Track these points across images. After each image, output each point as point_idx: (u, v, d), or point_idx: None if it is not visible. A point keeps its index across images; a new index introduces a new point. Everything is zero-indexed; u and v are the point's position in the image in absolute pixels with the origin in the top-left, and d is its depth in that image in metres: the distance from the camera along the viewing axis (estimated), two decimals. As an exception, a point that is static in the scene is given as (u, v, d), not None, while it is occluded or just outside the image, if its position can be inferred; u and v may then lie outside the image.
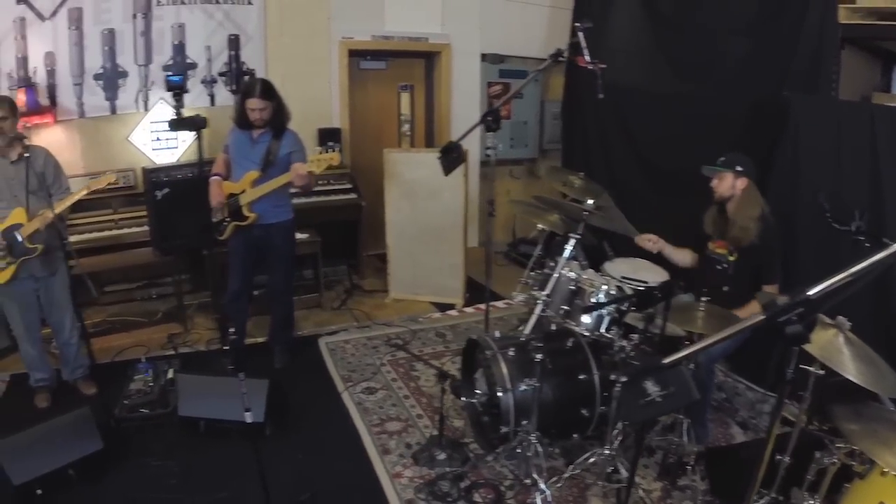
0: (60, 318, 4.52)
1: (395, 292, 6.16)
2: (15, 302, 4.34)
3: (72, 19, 5.98)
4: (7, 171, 4.10)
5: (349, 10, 6.72)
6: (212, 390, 3.92)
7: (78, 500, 3.40)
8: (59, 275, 4.43)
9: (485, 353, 3.59)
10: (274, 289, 4.82)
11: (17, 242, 4.11)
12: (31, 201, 4.12)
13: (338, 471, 3.64)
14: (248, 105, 4.25)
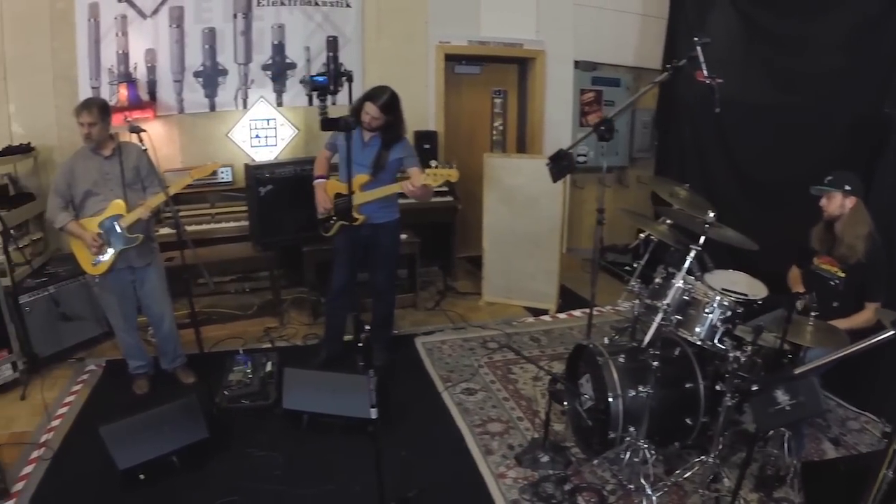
0: (159, 311, 4.78)
1: (489, 295, 6.31)
2: (113, 293, 4.61)
3: (173, 17, 6.31)
4: (102, 166, 4.38)
5: (446, 15, 6.95)
6: (318, 385, 4.12)
7: (181, 486, 3.56)
8: (155, 266, 4.69)
9: (596, 359, 3.71)
10: (377, 287, 4.93)
11: (117, 233, 4.37)
12: (127, 194, 4.40)
13: (442, 469, 3.78)
14: (366, 108, 4.39)
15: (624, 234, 7.53)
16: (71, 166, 4.44)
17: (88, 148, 4.38)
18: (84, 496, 3.57)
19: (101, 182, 4.38)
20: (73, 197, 4.42)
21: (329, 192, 4.71)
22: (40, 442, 4.20)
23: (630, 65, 7.84)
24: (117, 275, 4.53)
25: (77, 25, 6.38)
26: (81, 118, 4.23)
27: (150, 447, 3.61)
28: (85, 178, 4.38)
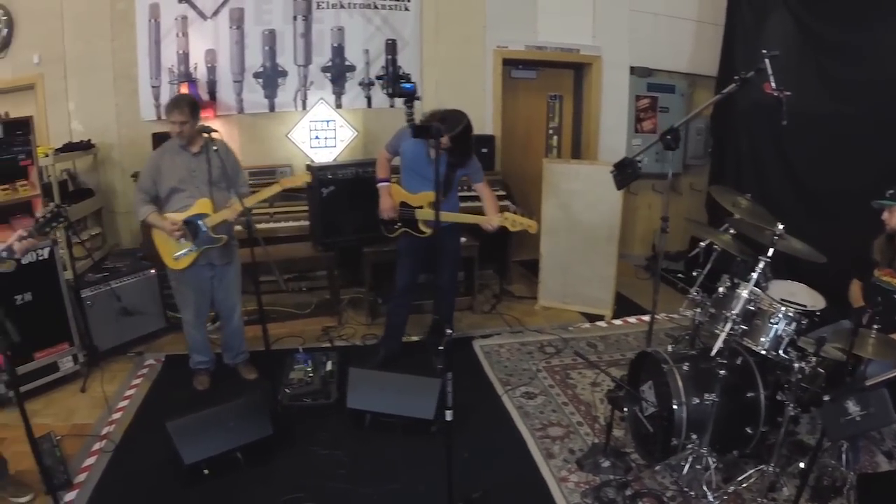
0: (231, 306, 4.99)
1: (544, 300, 6.47)
2: (190, 288, 4.80)
3: (233, 19, 6.57)
4: (190, 162, 4.54)
5: (503, 20, 7.14)
6: (382, 385, 4.28)
7: (245, 482, 3.71)
8: (234, 264, 4.89)
9: (660, 367, 3.83)
10: (440, 286, 5.04)
11: (201, 232, 4.56)
12: (213, 193, 4.58)
13: (505, 471, 3.90)
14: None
15: (676, 241, 7.66)
16: (157, 162, 4.60)
17: (178, 144, 4.54)
18: (147, 489, 3.74)
19: (188, 179, 4.55)
20: (159, 192, 4.59)
21: (395, 197, 4.83)
22: (101, 434, 4.40)
23: (684, 71, 7.96)
24: (197, 271, 4.72)
25: (137, 25, 6.67)
26: (173, 117, 4.39)
27: (215, 443, 3.75)
28: (171, 174, 4.54)
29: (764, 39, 6.37)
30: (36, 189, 5.65)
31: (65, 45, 6.88)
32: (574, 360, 5.34)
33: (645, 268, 7.69)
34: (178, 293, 4.92)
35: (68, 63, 6.92)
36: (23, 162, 5.57)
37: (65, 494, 3.80)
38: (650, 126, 7.74)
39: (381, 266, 5.86)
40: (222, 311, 5.05)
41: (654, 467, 3.85)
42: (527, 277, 7.16)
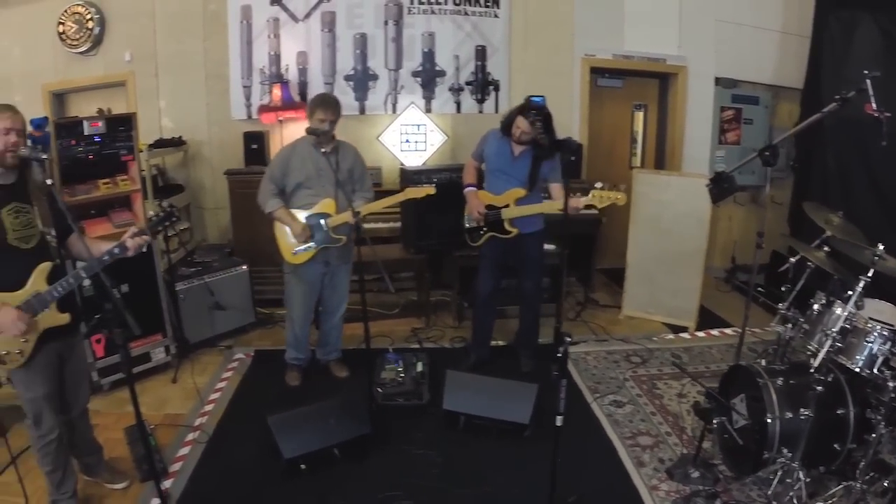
0: (337, 303, 5.28)
1: (629, 309, 6.67)
2: (303, 284, 5.08)
3: (325, 22, 6.94)
4: (319, 161, 4.79)
5: (591, 28, 7.40)
6: (479, 389, 4.51)
7: (342, 479, 3.90)
8: (348, 265, 5.18)
9: (755, 380, 3.99)
10: (525, 296, 5.24)
11: (322, 231, 4.84)
12: (338, 194, 4.84)
13: (597, 477, 4.08)
14: (517, 122, 4.69)
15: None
16: (288, 156, 4.89)
17: (310, 142, 4.84)
18: (243, 481, 3.97)
19: (315, 177, 4.83)
20: (285, 186, 4.88)
21: (481, 200, 4.99)
22: (195, 425, 4.71)
23: (769, 83, 8.12)
24: (312, 267, 5.01)
25: (229, 26, 7.08)
26: (320, 114, 4.69)
27: (314, 439, 3.95)
28: (300, 169, 4.83)
29: (852, 53, 6.53)
30: (136, 184, 6.02)
31: (156, 44, 7.30)
32: (660, 370, 5.54)
33: (725, 280, 7.84)
34: (289, 286, 5.19)
35: (159, 61, 7.35)
36: (124, 157, 5.94)
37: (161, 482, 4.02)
38: (734, 138, 7.91)
39: (469, 270, 6.07)
40: (327, 306, 5.32)
41: (742, 480, 4.02)
42: (609, 286, 7.38)
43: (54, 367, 3.53)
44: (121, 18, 7.43)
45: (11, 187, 3.30)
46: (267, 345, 6.17)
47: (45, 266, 3.34)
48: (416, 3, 7.06)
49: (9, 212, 3.24)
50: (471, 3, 7.08)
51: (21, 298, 3.25)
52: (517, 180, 4.85)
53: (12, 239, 3.24)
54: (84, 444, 4.00)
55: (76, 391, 3.80)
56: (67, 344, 3.63)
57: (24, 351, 3.31)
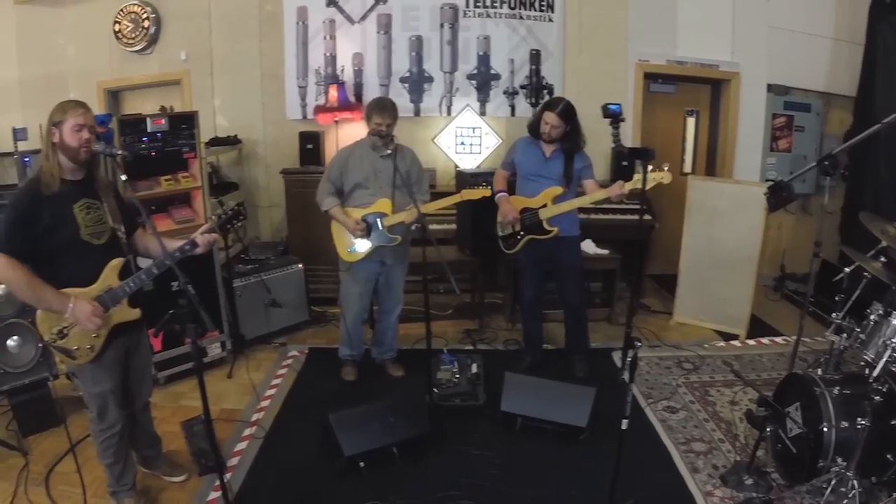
0: (393, 304, 5.41)
1: (680, 316, 6.72)
2: (358, 281, 5.21)
3: (381, 24, 7.08)
4: (377, 163, 4.96)
5: (644, 33, 7.47)
6: (537, 391, 4.59)
7: (401, 477, 3.96)
8: (404, 265, 5.30)
9: (811, 389, 4.03)
10: (568, 302, 5.27)
11: (378, 229, 4.97)
12: (395, 195, 4.98)
13: (652, 482, 4.14)
14: (545, 118, 4.74)
15: (804, 263, 7.93)
16: (346, 156, 5.04)
17: (369, 144, 4.99)
18: (301, 477, 4.07)
19: (373, 178, 4.97)
20: (343, 185, 5.03)
21: (514, 205, 5.04)
22: (251, 421, 4.84)
23: (820, 90, 8.12)
24: (367, 265, 5.14)
25: (285, 27, 7.26)
26: (384, 118, 4.84)
27: (375, 437, 4.04)
28: (358, 170, 4.97)
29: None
30: (197, 181, 6.22)
31: (211, 44, 7.50)
32: (712, 377, 5.60)
33: (773, 288, 7.89)
34: (344, 284, 5.33)
35: (215, 61, 7.55)
36: (186, 154, 6.14)
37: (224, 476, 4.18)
38: (785, 145, 7.94)
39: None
40: (383, 306, 5.46)
41: (794, 488, 4.07)
42: (658, 292, 7.44)
43: (121, 361, 3.66)
44: (176, 18, 7.62)
45: (81, 183, 3.40)
46: (321, 343, 6.31)
47: (117, 262, 3.46)
48: (471, 6, 7.17)
49: (80, 207, 3.35)
50: (526, 7, 7.17)
51: (93, 294, 3.37)
52: (552, 180, 4.91)
53: (85, 234, 3.35)
54: (144, 437, 4.13)
55: (140, 385, 3.94)
56: (134, 338, 3.76)
57: (95, 346, 3.43)
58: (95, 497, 3.97)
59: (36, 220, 3.21)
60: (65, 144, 3.27)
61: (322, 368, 5.73)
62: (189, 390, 5.38)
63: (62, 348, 3.35)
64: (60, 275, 3.30)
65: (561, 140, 4.83)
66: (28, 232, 3.22)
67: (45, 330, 3.34)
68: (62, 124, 3.26)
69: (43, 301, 3.27)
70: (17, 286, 3.24)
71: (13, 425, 4.79)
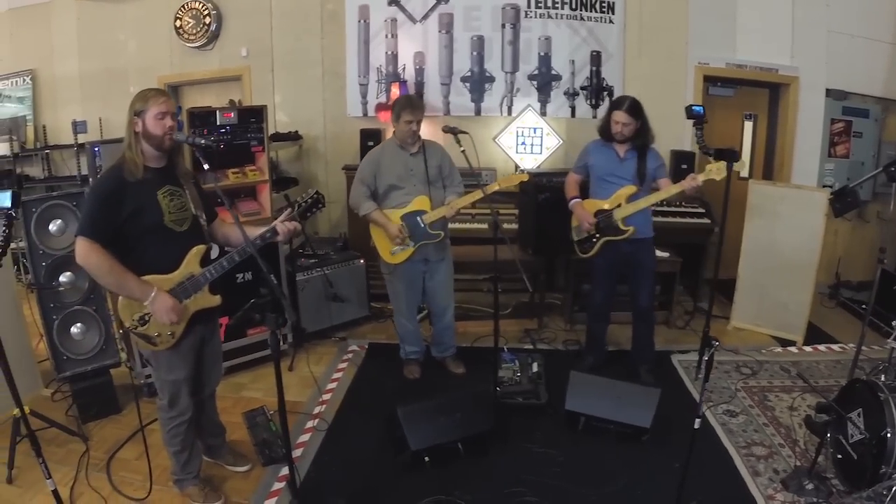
0: (444, 303, 5.45)
1: (737, 320, 6.71)
2: (403, 281, 5.27)
3: (442, 24, 7.16)
4: (408, 161, 5.02)
5: (704, 36, 7.47)
6: (602, 391, 4.62)
7: (465, 473, 4.01)
8: (447, 261, 5.35)
9: (876, 395, 4.03)
10: (639, 305, 5.23)
11: (420, 228, 5.02)
12: (431, 191, 5.05)
13: (714, 484, 4.16)
14: (614, 117, 4.76)
15: (859, 271, 7.91)
16: (377, 158, 5.09)
17: (396, 143, 5.07)
18: (365, 470, 4.13)
19: (406, 177, 5.02)
20: (377, 188, 5.08)
21: (588, 209, 5.03)
22: (314, 413, 4.93)
23: (879, 95, 8.06)
24: (411, 265, 5.19)
25: (347, 25, 7.39)
26: (415, 115, 4.91)
27: (441, 432, 4.08)
28: (391, 171, 5.03)
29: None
30: (264, 174, 6.32)
31: (272, 41, 7.63)
32: (770, 382, 5.62)
33: (829, 296, 7.86)
34: (390, 285, 5.41)
35: (276, 57, 7.67)
36: (254, 148, 6.25)
37: (281, 468, 4.27)
38: (843, 151, 7.88)
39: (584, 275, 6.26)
40: (434, 307, 5.51)
41: (854, 494, 4.05)
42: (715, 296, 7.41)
43: (196, 349, 3.74)
44: (237, 15, 7.76)
45: (163, 171, 3.48)
46: (380, 338, 6.40)
47: (199, 248, 3.53)
48: (532, 6, 7.23)
49: (164, 194, 3.42)
50: (587, 9, 7.20)
51: (175, 280, 3.45)
52: (627, 180, 4.90)
53: (168, 221, 3.43)
54: (210, 426, 4.21)
55: (210, 373, 4.01)
56: (209, 327, 3.83)
57: (175, 333, 3.51)
58: (157, 484, 4.07)
59: (120, 205, 3.28)
60: (148, 133, 3.35)
61: (382, 364, 5.82)
62: (249, 382, 5.52)
63: (143, 335, 3.43)
64: (143, 261, 3.38)
65: (633, 138, 4.83)
66: (111, 217, 3.28)
67: (126, 316, 3.42)
68: (144, 113, 3.34)
69: (124, 288, 3.34)
70: (99, 272, 3.29)
71: (73, 411, 4.93)
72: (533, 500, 3.78)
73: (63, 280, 4.81)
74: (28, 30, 8.90)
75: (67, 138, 8.48)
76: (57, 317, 4.84)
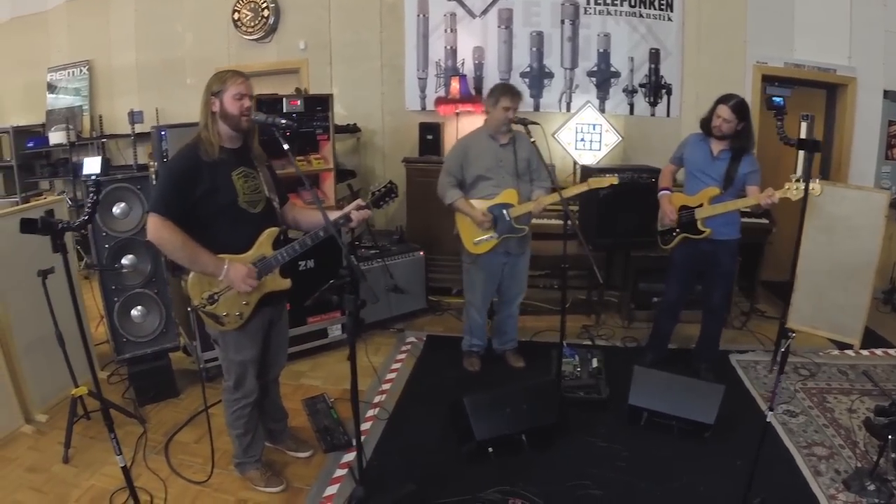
0: (515, 294, 5.44)
1: (793, 322, 6.56)
2: (483, 272, 5.25)
3: (502, 19, 7.17)
4: (498, 152, 4.98)
5: (762, 35, 7.39)
6: (666, 386, 4.60)
7: (529, 465, 4.01)
8: (527, 254, 5.34)
9: None
10: (711, 305, 5.17)
11: (505, 221, 4.99)
12: (518, 185, 5.01)
13: (776, 483, 4.15)
14: (717, 111, 4.68)
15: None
16: (465, 148, 5.08)
17: (486, 133, 5.04)
18: (427, 460, 4.13)
19: (495, 168, 4.98)
20: (465, 178, 5.07)
21: (674, 203, 5.00)
22: (373, 402, 4.96)
23: (936, 97, 8.00)
24: (493, 257, 5.16)
25: (406, 19, 7.42)
26: (512, 103, 4.85)
27: (506, 423, 4.07)
28: (479, 161, 5.00)
29: None
30: (329, 163, 6.40)
31: (331, 34, 7.67)
32: (828, 384, 5.57)
33: (883, 301, 7.75)
34: (468, 275, 5.37)
35: (334, 50, 7.70)
36: (319, 136, 6.32)
37: (343, 455, 4.31)
38: (905, 152, 7.79)
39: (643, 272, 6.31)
40: (506, 297, 5.48)
41: None
42: (770, 298, 7.36)
43: (265, 330, 3.74)
44: (296, 8, 7.83)
45: (238, 152, 3.50)
46: (438, 331, 6.43)
47: (272, 230, 3.55)
48: (592, 3, 7.23)
49: (238, 175, 3.44)
50: (646, 6, 7.16)
51: (247, 261, 3.46)
52: (714, 180, 4.83)
53: (243, 202, 3.44)
54: (273, 410, 4.22)
55: (277, 355, 4.01)
56: (278, 309, 3.83)
57: (244, 314, 3.52)
58: (217, 468, 4.13)
59: (194, 183, 3.30)
60: (226, 113, 3.36)
61: (441, 356, 5.84)
62: (308, 370, 5.56)
63: (211, 313, 3.44)
64: (215, 241, 3.39)
65: (731, 138, 4.75)
66: (185, 195, 3.30)
67: (195, 294, 3.43)
68: (222, 93, 3.35)
69: (197, 263, 3.35)
70: (171, 247, 3.30)
71: (130, 393, 5.01)
72: (598, 494, 3.78)
73: (125, 262, 4.87)
74: (86, 21, 9.05)
75: (123, 128, 8.55)
76: (118, 299, 4.90)
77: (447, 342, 6.02)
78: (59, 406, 4.92)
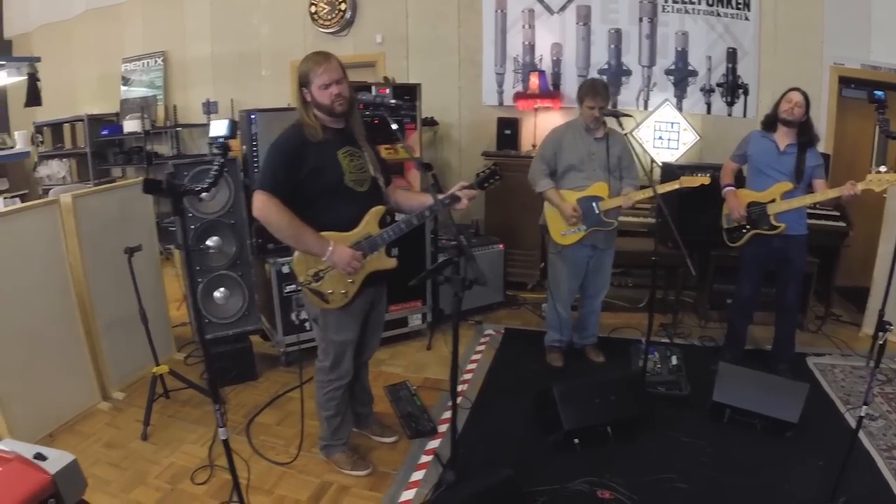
0: (599, 289, 5.46)
1: (869, 327, 6.49)
2: (568, 265, 5.27)
3: (580, 16, 7.17)
4: (591, 146, 5.00)
5: (839, 35, 7.26)
6: (751, 383, 4.57)
7: (615, 456, 4.00)
8: (612, 249, 5.35)
9: None
10: (784, 304, 5.09)
11: (594, 213, 5.01)
12: (609, 178, 5.02)
13: (858, 484, 4.08)
14: (788, 97, 4.72)
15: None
16: (560, 138, 5.09)
17: (582, 125, 5.04)
18: (512, 449, 4.15)
19: (587, 160, 4.98)
20: (557, 167, 5.09)
21: (741, 199, 4.95)
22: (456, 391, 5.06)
23: None
24: (579, 249, 5.18)
25: (484, 14, 7.45)
26: (595, 102, 4.86)
27: (593, 413, 4.08)
28: (572, 152, 5.01)
29: None
30: (416, 152, 6.35)
31: (408, 28, 7.71)
32: None
33: None
34: (553, 268, 5.40)
35: (411, 44, 7.74)
36: (407, 125, 6.26)
37: (428, 441, 4.37)
38: (969, 157, 7.68)
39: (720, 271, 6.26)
40: (589, 291, 5.49)
41: None
42: (843, 304, 7.24)
43: (365, 311, 3.76)
44: (373, 3, 7.95)
45: (342, 132, 3.51)
46: (516, 324, 6.47)
47: (378, 209, 3.56)
48: (670, 1, 7.18)
49: (344, 154, 3.46)
50: (723, 5, 7.09)
51: (352, 239, 3.47)
52: (784, 175, 4.79)
53: (348, 180, 3.46)
54: (361, 394, 4.25)
55: (372, 337, 4.04)
56: (379, 291, 3.85)
57: (349, 292, 3.53)
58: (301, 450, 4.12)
59: (301, 162, 3.34)
60: (317, 102, 3.39)
61: (520, 348, 5.87)
62: (388, 357, 5.62)
63: (317, 291, 3.46)
64: (321, 219, 3.42)
65: (798, 131, 4.74)
66: (292, 173, 3.34)
67: (301, 271, 3.46)
68: (310, 85, 3.37)
69: (302, 242, 3.38)
70: (277, 225, 3.33)
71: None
72: (684, 488, 3.76)
73: (210, 244, 4.94)
74: (161, 13, 9.23)
75: (197, 118, 8.65)
76: (202, 280, 4.96)
77: (526, 335, 6.06)
78: (135, 385, 5.04)
